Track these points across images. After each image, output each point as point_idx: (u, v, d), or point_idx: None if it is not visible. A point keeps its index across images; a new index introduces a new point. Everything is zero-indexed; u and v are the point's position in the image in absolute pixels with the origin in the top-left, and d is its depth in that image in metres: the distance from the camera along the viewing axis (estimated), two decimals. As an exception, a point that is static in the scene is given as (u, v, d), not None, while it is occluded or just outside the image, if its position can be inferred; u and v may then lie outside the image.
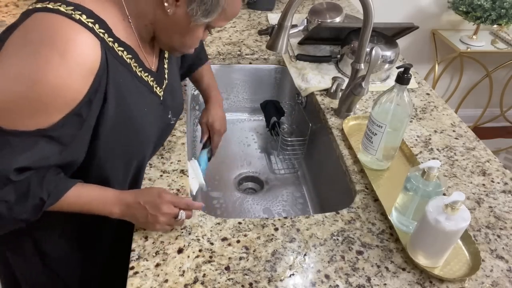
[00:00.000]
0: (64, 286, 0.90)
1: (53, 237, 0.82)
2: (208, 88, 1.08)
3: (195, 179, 0.88)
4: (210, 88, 1.08)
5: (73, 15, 0.59)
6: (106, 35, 0.63)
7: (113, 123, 0.68)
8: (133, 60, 0.71)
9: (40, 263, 0.84)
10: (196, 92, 1.33)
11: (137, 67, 0.72)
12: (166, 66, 0.84)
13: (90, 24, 0.61)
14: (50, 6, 0.59)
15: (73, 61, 0.57)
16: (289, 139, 1.28)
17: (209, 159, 1.05)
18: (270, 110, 1.34)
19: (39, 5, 0.60)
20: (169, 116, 0.86)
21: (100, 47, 0.61)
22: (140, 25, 0.70)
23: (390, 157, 0.92)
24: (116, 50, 0.66)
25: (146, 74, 0.75)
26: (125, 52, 0.68)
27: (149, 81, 0.77)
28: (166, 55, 0.84)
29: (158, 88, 0.80)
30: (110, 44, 0.64)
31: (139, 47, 0.72)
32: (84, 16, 0.60)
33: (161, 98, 0.81)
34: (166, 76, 0.83)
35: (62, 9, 0.59)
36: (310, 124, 1.19)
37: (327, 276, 0.69)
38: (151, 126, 0.80)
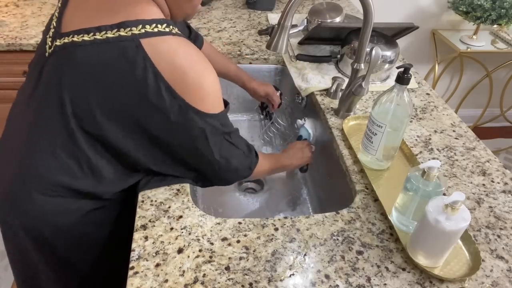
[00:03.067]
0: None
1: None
2: (237, 71, 1.24)
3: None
4: (238, 70, 1.24)
5: (172, 31, 0.70)
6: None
7: None
8: None
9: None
10: None
11: None
12: None
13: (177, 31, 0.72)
14: (150, 30, 0.67)
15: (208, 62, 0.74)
16: (278, 125, 1.32)
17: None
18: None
19: (135, 32, 0.66)
20: None
21: None
22: (165, 13, 0.76)
23: (390, 157, 0.92)
24: None
25: None
26: None
27: None
28: None
29: None
30: None
31: None
32: (175, 29, 0.71)
33: None
34: None
35: (162, 29, 0.68)
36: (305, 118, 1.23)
37: (327, 276, 0.69)
38: None
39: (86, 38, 0.68)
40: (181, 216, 0.78)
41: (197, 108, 0.71)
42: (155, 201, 0.80)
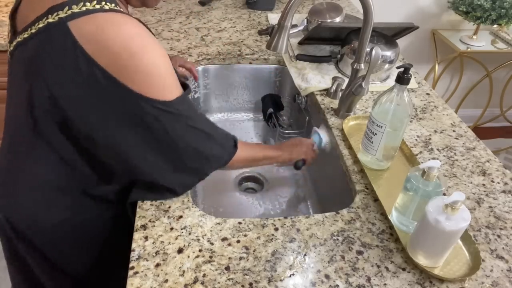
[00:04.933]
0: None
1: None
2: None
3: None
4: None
5: (105, 7, 0.62)
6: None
7: None
8: None
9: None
10: None
11: None
12: None
13: (118, 8, 0.65)
14: (78, 10, 0.61)
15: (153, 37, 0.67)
16: (287, 131, 1.31)
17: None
18: (268, 102, 1.36)
19: (62, 15, 0.61)
20: None
21: None
22: None
23: (390, 157, 0.92)
24: None
25: None
26: None
27: None
28: None
29: None
30: None
31: None
32: (111, 4, 0.63)
33: None
34: None
35: (91, 7, 0.61)
36: (307, 117, 1.20)
37: (327, 276, 0.69)
38: None
39: (26, 35, 0.65)
40: (181, 216, 0.78)
41: (144, 95, 0.63)
42: (155, 201, 0.80)
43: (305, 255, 0.73)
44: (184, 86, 0.73)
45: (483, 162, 0.98)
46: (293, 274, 0.69)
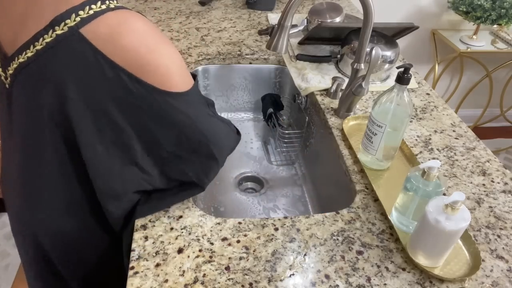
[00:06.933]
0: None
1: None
2: None
3: None
4: None
5: (110, 5, 0.59)
6: None
7: None
8: None
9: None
10: None
11: None
12: None
13: (121, 5, 0.63)
14: (86, 15, 0.58)
15: None
16: (287, 131, 1.31)
17: None
18: (268, 102, 1.36)
19: (71, 24, 0.57)
20: None
21: None
22: None
23: (390, 157, 0.92)
24: None
25: None
26: None
27: None
28: None
29: None
30: None
31: None
32: (114, 2, 0.61)
33: None
34: None
35: (98, 9, 0.59)
36: (307, 118, 1.20)
37: (327, 276, 0.69)
38: None
39: (29, 54, 0.60)
40: (181, 216, 0.78)
41: (169, 91, 0.62)
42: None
43: (305, 255, 0.73)
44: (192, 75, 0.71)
45: (483, 162, 0.98)
46: (293, 274, 0.69)
